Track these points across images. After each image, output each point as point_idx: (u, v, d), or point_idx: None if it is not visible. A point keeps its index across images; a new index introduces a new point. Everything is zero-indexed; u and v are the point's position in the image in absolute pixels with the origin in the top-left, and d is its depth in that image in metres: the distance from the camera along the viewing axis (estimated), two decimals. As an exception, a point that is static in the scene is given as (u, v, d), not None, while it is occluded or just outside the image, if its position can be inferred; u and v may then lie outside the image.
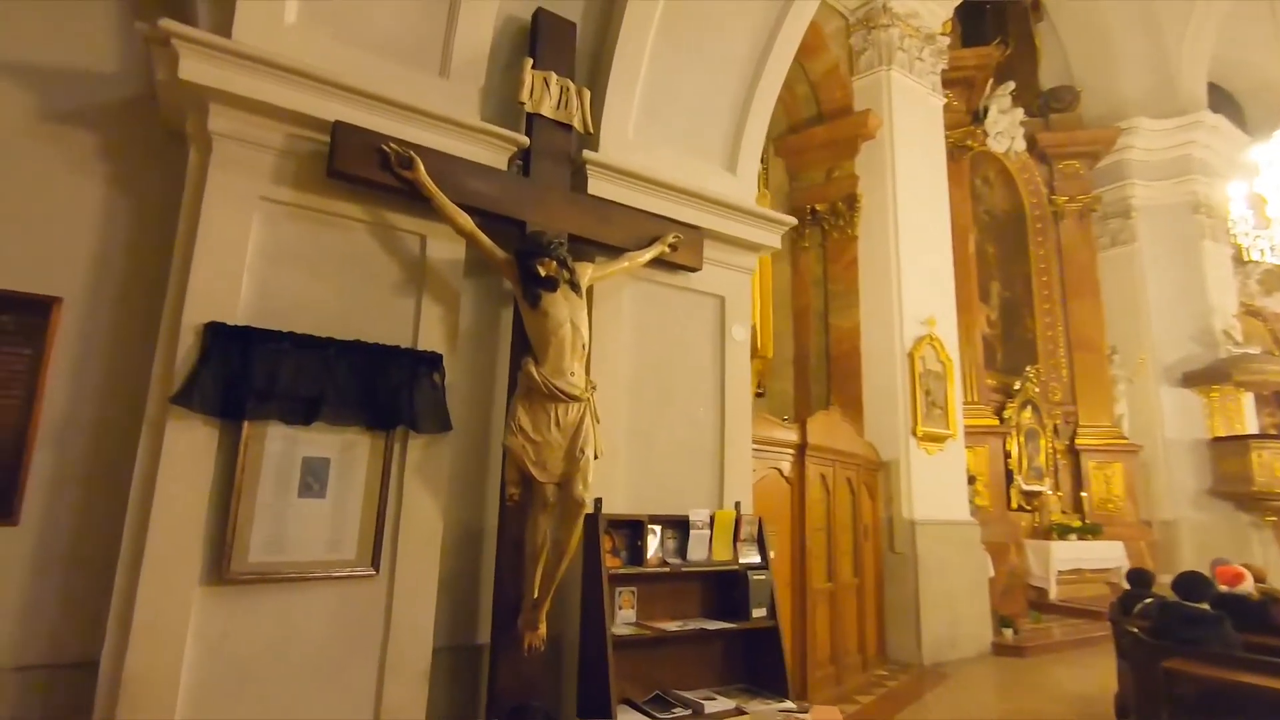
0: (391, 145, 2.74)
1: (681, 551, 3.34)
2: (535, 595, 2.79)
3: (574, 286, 2.92)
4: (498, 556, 2.89)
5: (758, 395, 8.43)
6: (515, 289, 2.91)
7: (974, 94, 10.36)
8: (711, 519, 3.42)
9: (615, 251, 3.28)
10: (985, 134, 10.54)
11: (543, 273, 2.80)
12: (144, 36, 2.44)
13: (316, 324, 2.67)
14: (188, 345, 2.43)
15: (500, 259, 2.88)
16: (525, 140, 3.14)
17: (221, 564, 2.41)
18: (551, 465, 2.79)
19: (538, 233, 2.87)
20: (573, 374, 2.84)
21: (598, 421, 2.97)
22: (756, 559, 3.51)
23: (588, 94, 3.34)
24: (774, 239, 3.97)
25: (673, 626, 3.14)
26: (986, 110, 10.64)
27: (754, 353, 5.19)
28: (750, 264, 3.95)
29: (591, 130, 3.34)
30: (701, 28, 3.63)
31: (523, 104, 3.13)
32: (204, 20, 2.66)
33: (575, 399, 2.82)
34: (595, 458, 2.95)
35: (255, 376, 2.48)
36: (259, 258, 2.63)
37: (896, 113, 8.75)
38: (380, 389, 2.72)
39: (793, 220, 4.14)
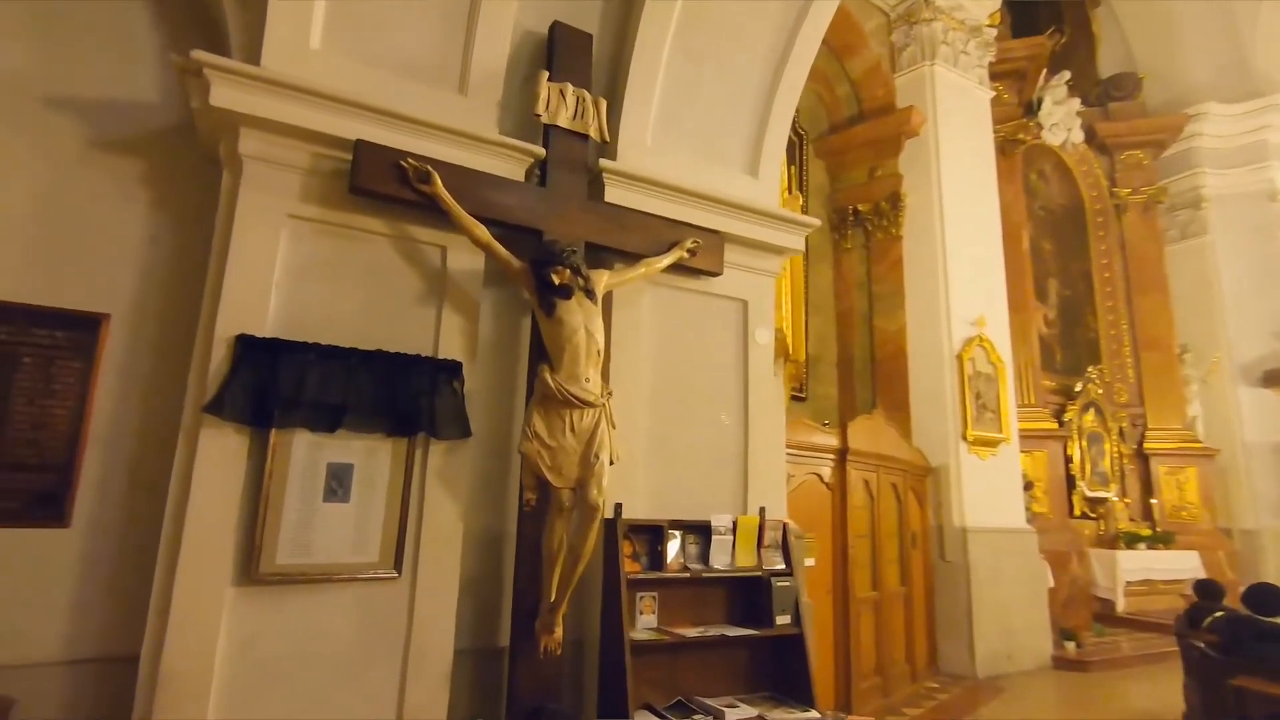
0: (410, 161, 2.84)
1: (704, 557, 3.33)
2: (552, 599, 2.83)
3: (589, 293, 2.96)
4: (516, 560, 2.94)
5: (797, 399, 8.34)
6: (531, 297, 2.96)
7: (1026, 86, 10.00)
8: (734, 524, 3.40)
9: (634, 258, 3.31)
10: (1039, 126, 10.17)
11: (556, 280, 2.85)
12: (178, 67, 2.60)
13: (341, 335, 2.79)
14: (220, 357, 2.56)
15: (516, 268, 2.94)
16: (541, 151, 3.20)
17: (251, 565, 2.53)
18: (567, 470, 2.83)
19: (551, 241, 2.92)
20: (588, 380, 2.88)
21: (614, 427, 3.00)
22: (781, 565, 3.47)
23: (604, 103, 3.39)
24: (797, 241, 3.93)
25: (693, 632, 3.14)
26: (1040, 102, 10.27)
27: (786, 356, 5.14)
28: (774, 267, 3.91)
29: (608, 139, 3.38)
30: (719, 32, 3.63)
31: (539, 116, 3.19)
32: (236, 49, 2.82)
33: (590, 404, 2.85)
34: (611, 463, 2.98)
35: (282, 386, 2.60)
36: (287, 272, 2.76)
37: (941, 108, 8.54)
38: (401, 397, 2.81)
39: (815, 222, 4.08)
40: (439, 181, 2.86)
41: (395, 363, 2.84)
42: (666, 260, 3.35)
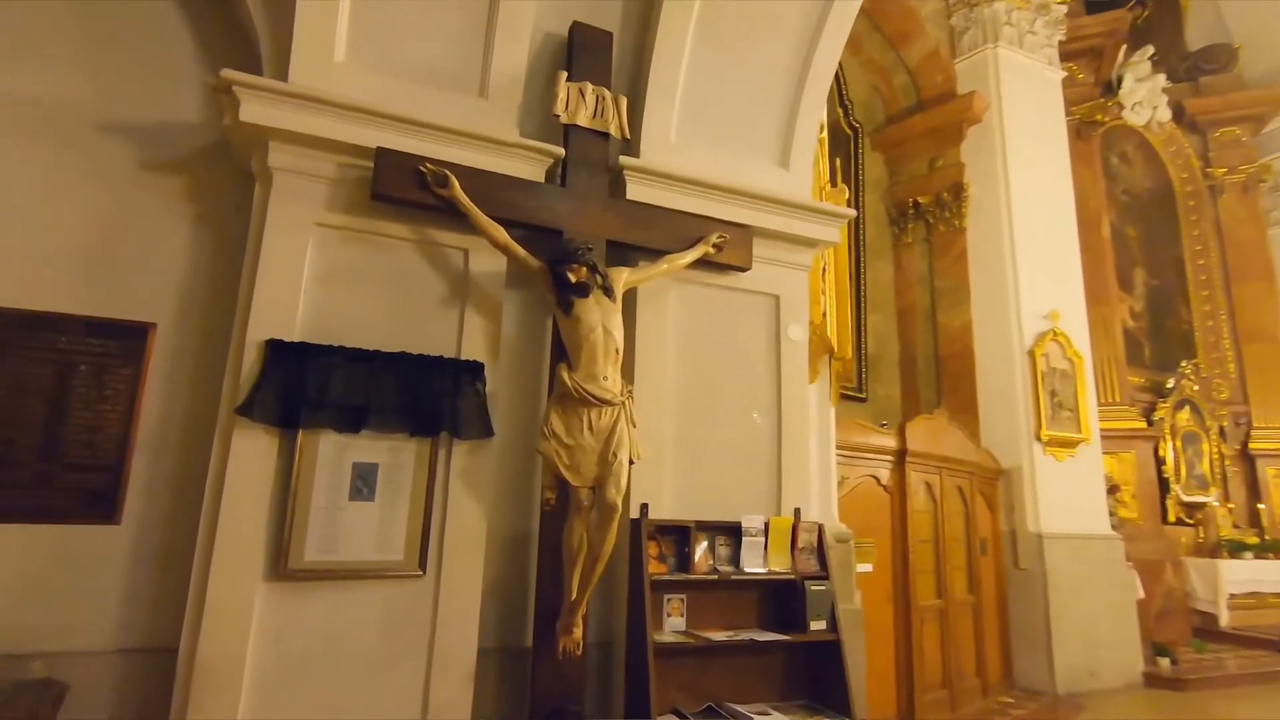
0: (428, 166, 2.89)
1: (736, 559, 3.25)
2: (572, 599, 2.81)
3: (607, 291, 2.94)
4: (539, 560, 2.94)
5: (854, 399, 8.07)
6: (550, 296, 2.97)
7: (1104, 64, 9.41)
8: (766, 526, 3.31)
9: (658, 255, 3.27)
10: (1120, 106, 9.54)
11: (573, 279, 2.84)
12: (211, 86, 2.74)
13: (368, 338, 2.86)
14: (251, 361, 2.68)
15: (534, 268, 2.96)
16: (560, 152, 3.21)
17: (281, 561, 2.62)
18: (585, 469, 2.81)
19: (567, 240, 2.92)
20: (605, 378, 2.85)
21: (634, 425, 2.96)
22: (816, 568, 3.34)
23: (624, 100, 3.37)
24: (832, 234, 3.80)
25: (720, 636, 3.05)
26: (1120, 80, 9.63)
27: (831, 353, 4.97)
28: (806, 261, 3.79)
29: (629, 136, 3.36)
30: (743, 21, 3.56)
31: (557, 117, 3.21)
32: (267, 66, 2.95)
33: (607, 403, 2.83)
34: (632, 462, 2.95)
35: (309, 388, 2.70)
36: (315, 279, 2.86)
37: (1006, 92, 8.14)
38: (423, 397, 2.86)
39: (849, 212, 3.93)
40: (457, 185, 2.90)
41: (418, 364, 2.89)
42: (690, 256, 3.30)
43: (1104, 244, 8.87)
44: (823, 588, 3.28)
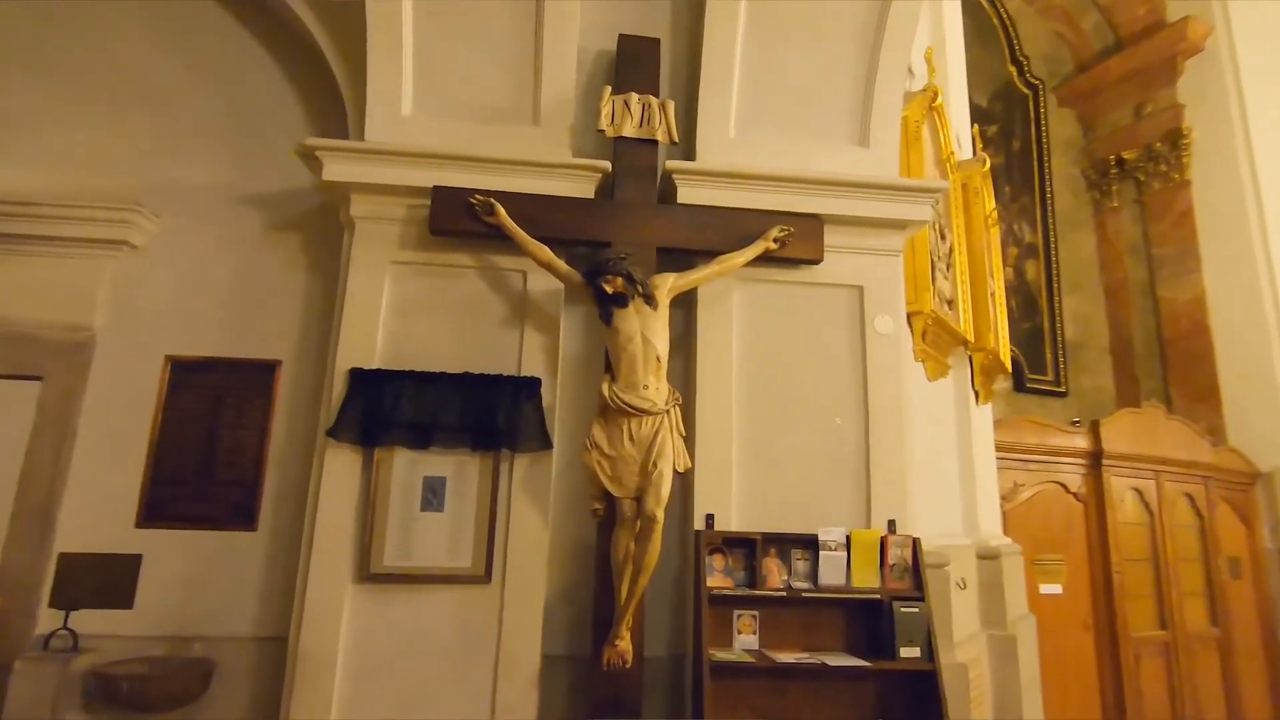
0: (476, 197, 3.10)
1: (814, 575, 3.01)
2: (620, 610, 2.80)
3: (648, 299, 2.91)
4: (595, 571, 2.97)
5: (1049, 393, 7.02)
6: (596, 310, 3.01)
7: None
8: (848, 539, 3.02)
9: (714, 257, 3.16)
10: None
11: (609, 290, 2.86)
12: (298, 153, 3.20)
13: (438, 361, 3.11)
14: (339, 389, 3.05)
15: (577, 283, 3.02)
16: (606, 166, 3.25)
17: (364, 565, 2.94)
18: (626, 480, 2.80)
19: (602, 252, 2.93)
20: (646, 387, 2.82)
21: (682, 435, 2.89)
22: (909, 588, 2.97)
23: (671, 104, 3.32)
24: (923, 212, 3.37)
25: (788, 658, 2.83)
26: None
27: (965, 344, 4.39)
28: (895, 245, 3.41)
29: (676, 140, 3.30)
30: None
31: (602, 132, 3.25)
32: (352, 127, 3.38)
33: (646, 412, 2.79)
34: (681, 471, 2.87)
35: (384, 410, 3.01)
36: (391, 311, 3.18)
37: (1236, 12, 6.68)
38: (484, 413, 3.04)
39: (943, 184, 3.47)
40: (502, 211, 3.07)
41: (479, 383, 3.09)
42: (746, 255, 3.14)
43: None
44: (915, 610, 2.91)
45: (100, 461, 3.28)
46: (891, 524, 3.12)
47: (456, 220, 3.13)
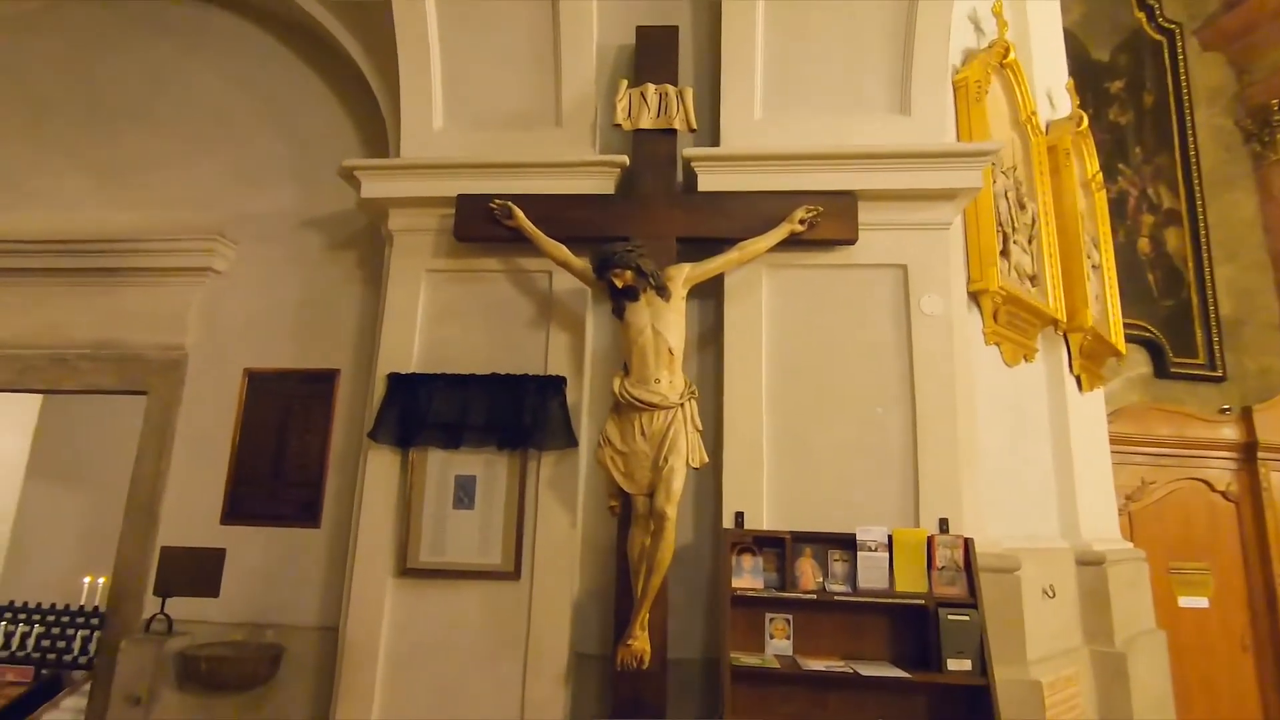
0: (495, 202, 3.17)
1: (854, 577, 2.80)
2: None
3: (660, 291, 2.84)
4: (615, 570, 2.93)
5: (1201, 378, 6.15)
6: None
7: None
8: (890, 539, 2.78)
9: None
10: None
11: (618, 284, 2.81)
12: (340, 174, 3.42)
13: (471, 364, 3.21)
14: (379, 393, 3.22)
15: (592, 280, 3.00)
16: (623, 160, 3.21)
17: (403, 560, 3.08)
18: (639, 476, 2.74)
19: (609, 246, 2.89)
20: (658, 380, 2.75)
21: (699, 429, 2.79)
22: (961, 593, 2.68)
23: (689, 91, 3.23)
24: (972, 179, 3.04)
25: (817, 665, 2.64)
26: None
27: (1055, 324, 3.92)
28: (945, 217, 3.10)
29: (694, 127, 3.21)
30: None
31: (618, 126, 3.22)
32: (391, 146, 3.57)
33: (656, 407, 2.72)
34: (697, 467, 2.78)
35: (418, 412, 3.14)
36: (427, 317, 3.32)
37: None
38: (509, 412, 3.10)
39: (992, 146, 3.10)
40: (519, 214, 3.12)
41: (505, 383, 3.15)
42: (770, 240, 2.99)
43: None
44: (965, 618, 2.62)
45: (193, 465, 3.66)
46: (943, 523, 2.84)
47: (480, 226, 3.22)
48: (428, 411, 3.14)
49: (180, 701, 3.32)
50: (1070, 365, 4.11)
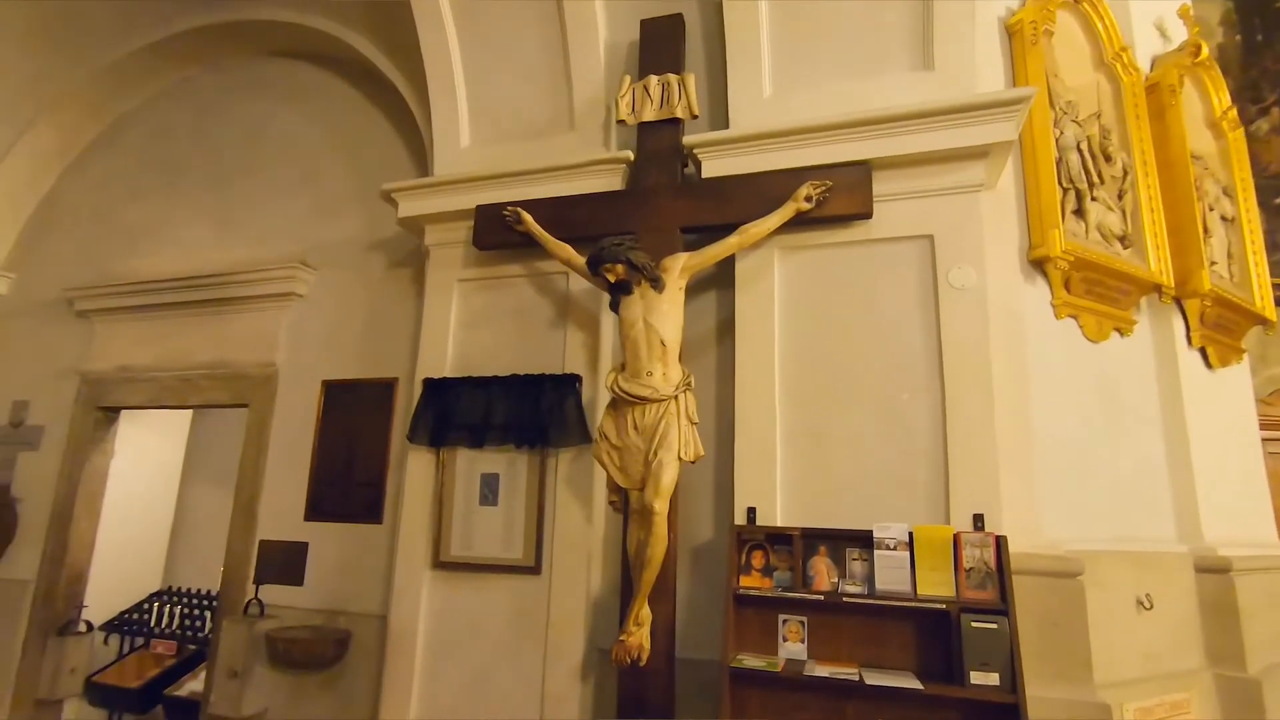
0: (507, 209, 3.27)
1: (873, 578, 2.56)
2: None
3: (654, 282, 2.78)
4: (621, 566, 2.89)
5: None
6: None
7: None
8: (910, 537, 2.52)
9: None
10: None
11: (611, 279, 2.80)
12: (382, 198, 3.69)
13: (497, 366, 3.33)
14: (415, 397, 3.43)
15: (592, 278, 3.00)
16: (626, 155, 3.18)
17: (436, 554, 3.25)
18: (632, 471, 2.69)
19: (601, 240, 2.86)
20: (650, 374, 2.69)
21: (693, 422, 2.69)
22: (992, 597, 2.36)
23: (691, 77, 3.13)
24: (1005, 130, 2.68)
25: (824, 672, 2.43)
26: None
27: (1159, 289, 3.34)
28: (974, 178, 2.75)
29: (696, 114, 3.11)
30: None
31: (622, 123, 3.20)
32: (430, 167, 3.79)
33: (645, 400, 2.66)
34: (691, 461, 2.68)
35: (447, 413, 3.31)
36: (459, 324, 3.50)
37: None
38: (528, 412, 3.18)
39: (1026, 91, 2.69)
40: (528, 219, 3.20)
41: (523, 383, 3.23)
42: (772, 221, 2.83)
43: None
44: (993, 626, 2.30)
45: (283, 467, 4.10)
46: (978, 519, 2.52)
47: (496, 234, 3.33)
48: (455, 413, 3.30)
49: (269, 677, 3.72)
50: (1188, 338, 3.50)
